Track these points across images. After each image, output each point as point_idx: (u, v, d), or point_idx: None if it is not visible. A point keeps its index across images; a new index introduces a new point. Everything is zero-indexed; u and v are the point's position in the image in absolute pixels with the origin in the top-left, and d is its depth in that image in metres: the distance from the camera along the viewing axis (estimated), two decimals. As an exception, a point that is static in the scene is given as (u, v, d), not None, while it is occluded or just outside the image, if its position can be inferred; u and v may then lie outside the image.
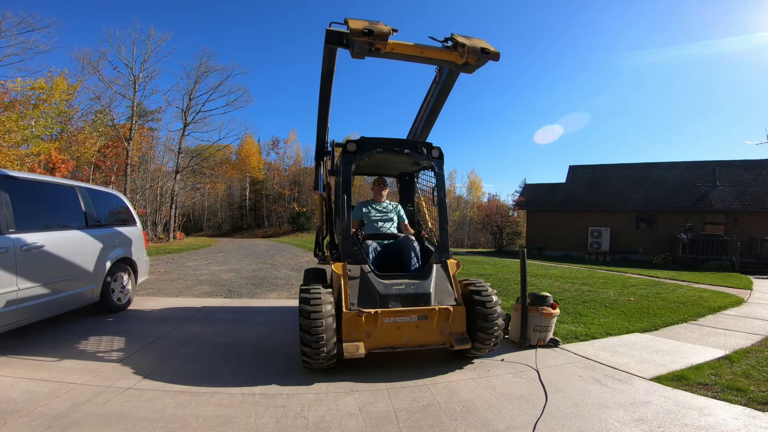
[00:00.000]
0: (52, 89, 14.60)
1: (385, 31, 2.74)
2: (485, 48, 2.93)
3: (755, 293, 7.88)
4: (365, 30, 2.69)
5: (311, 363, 3.00)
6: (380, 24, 2.85)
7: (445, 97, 3.99)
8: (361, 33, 2.68)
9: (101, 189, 5.39)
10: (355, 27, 2.71)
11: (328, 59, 3.51)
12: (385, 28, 2.79)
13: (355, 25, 2.73)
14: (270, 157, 47.70)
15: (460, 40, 2.98)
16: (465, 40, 2.97)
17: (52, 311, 3.97)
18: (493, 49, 2.96)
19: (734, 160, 19.81)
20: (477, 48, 2.90)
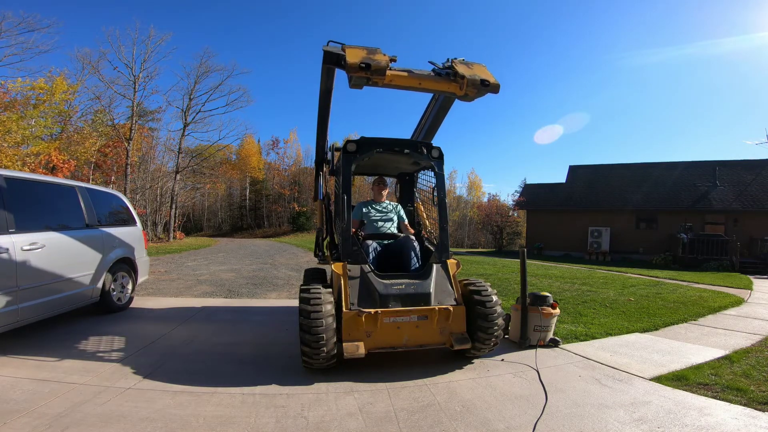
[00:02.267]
0: (52, 89, 14.61)
1: (383, 65, 2.66)
2: (485, 80, 2.85)
3: (755, 293, 7.88)
4: (362, 64, 2.62)
5: (311, 363, 3.00)
6: (378, 53, 2.76)
7: (444, 115, 4.04)
8: (359, 67, 2.61)
9: (101, 189, 5.40)
10: (353, 61, 2.63)
11: (326, 78, 3.51)
12: (383, 60, 2.70)
13: (352, 58, 2.64)
14: (270, 157, 47.73)
15: (460, 70, 2.89)
16: (465, 70, 2.89)
17: (52, 311, 3.97)
18: (494, 80, 2.87)
19: (734, 160, 19.81)
20: (477, 80, 2.82)
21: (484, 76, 2.89)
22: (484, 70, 2.99)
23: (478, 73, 2.91)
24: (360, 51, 2.80)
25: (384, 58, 2.76)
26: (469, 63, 3.04)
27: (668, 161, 21.54)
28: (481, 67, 3.02)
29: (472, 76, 2.84)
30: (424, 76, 3.02)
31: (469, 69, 2.93)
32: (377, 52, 2.82)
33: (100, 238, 4.68)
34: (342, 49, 2.83)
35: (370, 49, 2.85)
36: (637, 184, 20.05)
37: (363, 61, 2.64)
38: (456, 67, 2.94)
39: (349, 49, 2.79)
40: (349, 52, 2.75)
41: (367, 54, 2.75)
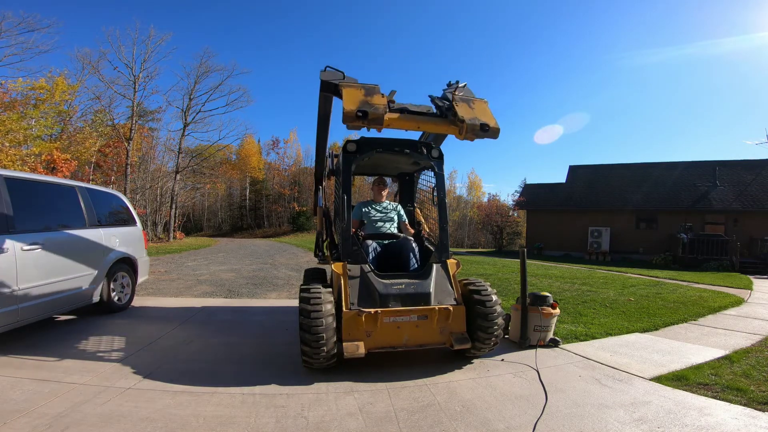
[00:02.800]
0: (52, 89, 14.61)
1: (380, 112, 2.59)
2: (485, 124, 2.75)
3: (755, 293, 7.88)
4: (359, 113, 2.55)
5: (311, 362, 3.00)
6: (376, 95, 2.66)
7: (443, 139, 4.07)
8: (355, 117, 2.55)
9: (101, 189, 5.40)
10: (349, 108, 2.54)
11: (324, 103, 3.50)
12: (380, 105, 2.61)
13: (349, 105, 2.56)
14: (270, 157, 47.77)
15: (460, 111, 2.79)
16: (465, 112, 2.79)
17: (52, 311, 3.97)
18: (494, 123, 2.78)
19: (734, 160, 19.80)
20: (476, 127, 2.75)
21: (485, 118, 2.79)
22: (485, 110, 2.89)
23: (479, 115, 2.81)
24: (357, 92, 2.68)
25: (382, 102, 2.66)
26: (470, 100, 2.93)
27: (668, 161, 21.58)
28: (482, 104, 2.91)
29: (471, 120, 2.75)
30: (423, 119, 2.94)
31: (470, 110, 2.82)
32: (375, 92, 2.70)
33: (100, 238, 4.68)
34: (339, 85, 2.70)
35: (368, 89, 2.72)
36: (637, 184, 20.05)
37: (360, 109, 2.56)
38: (456, 106, 2.83)
39: (346, 90, 2.66)
40: (346, 95, 2.63)
41: (365, 96, 2.65)
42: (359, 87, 2.72)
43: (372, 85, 2.78)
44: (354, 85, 2.74)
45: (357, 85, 2.74)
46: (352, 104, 2.58)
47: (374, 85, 2.78)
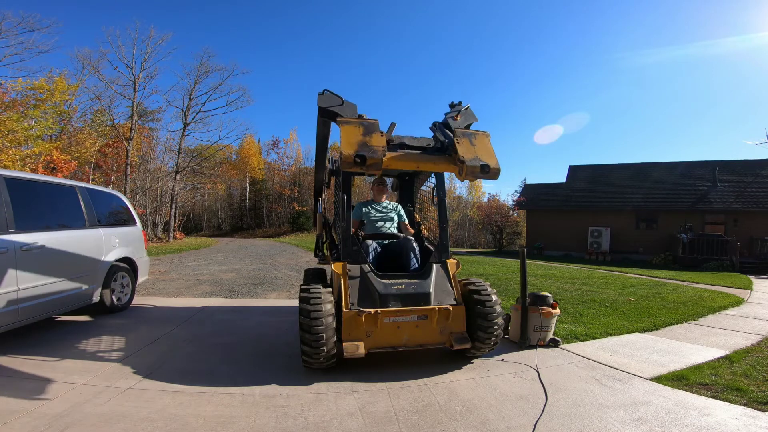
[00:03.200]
0: (52, 89, 14.61)
1: (378, 156, 2.53)
2: (486, 166, 2.68)
3: (755, 293, 7.88)
4: (357, 159, 2.48)
5: (311, 362, 3.01)
6: (375, 134, 2.58)
7: None
8: (353, 162, 2.49)
9: (101, 189, 5.39)
10: (347, 154, 2.47)
11: (323, 126, 3.49)
12: (379, 148, 2.54)
13: (346, 149, 2.49)
14: (270, 157, 47.78)
15: (461, 151, 2.70)
16: (466, 152, 2.71)
17: (52, 311, 3.97)
18: (494, 164, 2.71)
19: (734, 160, 19.79)
20: (477, 169, 2.68)
21: (486, 158, 2.72)
22: (487, 147, 2.80)
23: (480, 153, 2.74)
24: (355, 131, 2.59)
25: (381, 143, 2.58)
26: (472, 135, 2.84)
27: (668, 161, 21.56)
28: (484, 139, 2.83)
29: (472, 162, 2.67)
30: (423, 158, 2.88)
31: (471, 148, 2.75)
32: (374, 129, 2.61)
33: (100, 238, 4.68)
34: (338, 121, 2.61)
35: (367, 126, 2.62)
36: (637, 184, 20.04)
37: (358, 153, 2.50)
38: (457, 144, 2.75)
39: (344, 129, 2.57)
40: (344, 135, 2.53)
41: (363, 136, 2.57)
42: (357, 124, 2.63)
43: (371, 121, 2.67)
44: (352, 122, 2.65)
45: (355, 122, 2.65)
46: (350, 147, 2.51)
47: (373, 121, 2.69)
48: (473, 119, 3.41)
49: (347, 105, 3.04)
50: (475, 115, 3.46)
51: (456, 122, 3.22)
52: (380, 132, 2.64)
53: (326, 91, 3.03)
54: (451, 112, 3.40)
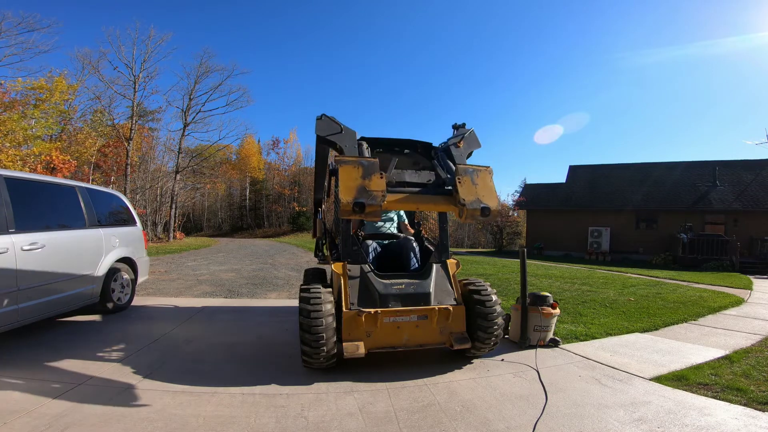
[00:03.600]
0: (51, 89, 14.61)
1: (378, 201, 2.49)
2: (486, 209, 2.66)
3: (755, 293, 7.88)
4: (356, 207, 2.45)
5: (311, 362, 3.01)
6: (375, 177, 2.53)
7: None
8: (352, 211, 2.47)
9: (101, 189, 5.39)
10: (346, 201, 2.45)
11: (322, 150, 3.51)
12: (378, 193, 2.49)
13: (345, 196, 2.46)
14: (270, 157, 47.83)
15: (462, 192, 2.67)
16: (467, 193, 2.67)
17: (52, 311, 3.97)
18: (495, 205, 2.70)
19: (734, 160, 19.80)
20: (477, 211, 2.66)
21: (487, 200, 2.69)
22: (488, 186, 2.75)
23: (482, 194, 2.71)
24: (354, 173, 2.52)
25: (380, 187, 2.52)
26: (474, 173, 2.77)
27: (668, 161, 21.56)
28: (486, 177, 2.77)
29: (473, 205, 2.65)
30: (423, 199, 2.85)
31: (473, 188, 2.71)
32: (374, 170, 2.55)
33: (100, 238, 4.68)
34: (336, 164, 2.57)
35: (366, 167, 2.54)
36: (637, 184, 20.04)
37: (357, 201, 2.46)
38: (459, 183, 2.70)
39: (342, 170, 2.50)
40: (342, 177, 2.48)
41: (362, 178, 2.51)
42: (356, 164, 2.55)
43: (370, 161, 2.61)
44: (351, 162, 2.56)
45: (354, 161, 2.57)
46: (348, 194, 2.47)
47: (372, 160, 2.62)
48: (476, 145, 3.38)
49: (346, 132, 2.98)
50: (478, 141, 3.42)
51: (458, 150, 3.17)
52: (379, 173, 2.56)
53: (324, 116, 2.98)
54: (454, 137, 3.32)
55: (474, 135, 3.41)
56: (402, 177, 2.95)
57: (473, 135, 3.41)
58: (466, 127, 3.52)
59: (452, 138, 3.37)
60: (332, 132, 2.97)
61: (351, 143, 2.98)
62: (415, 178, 3.02)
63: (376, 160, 2.62)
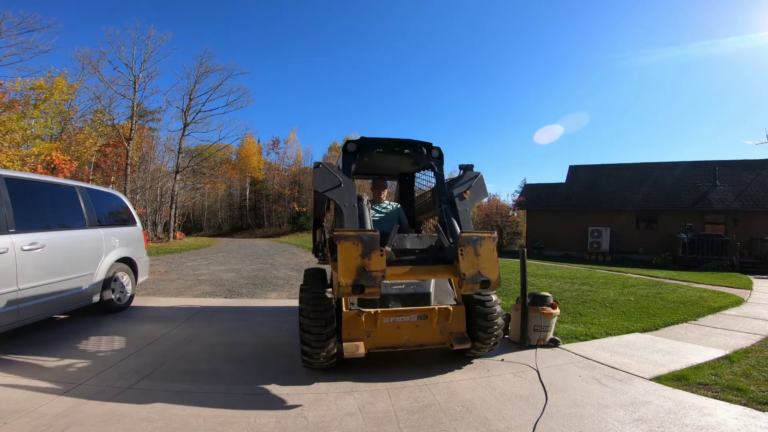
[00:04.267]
0: (51, 89, 14.60)
1: (376, 284, 2.48)
2: (486, 282, 2.67)
3: (755, 293, 7.88)
4: (355, 290, 2.44)
5: (311, 363, 3.01)
6: (375, 255, 2.48)
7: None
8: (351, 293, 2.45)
9: (101, 189, 5.39)
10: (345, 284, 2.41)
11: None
12: (377, 274, 2.46)
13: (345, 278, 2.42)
14: (270, 157, 47.75)
15: (463, 266, 2.64)
16: (468, 266, 2.65)
17: (52, 311, 3.97)
18: (495, 277, 2.70)
19: (734, 160, 19.80)
20: (477, 285, 2.68)
21: (488, 271, 2.67)
22: (490, 255, 2.71)
23: (483, 265, 2.68)
24: (354, 251, 2.47)
25: (380, 266, 2.47)
26: (478, 242, 2.73)
27: (668, 161, 21.53)
28: (489, 246, 2.73)
29: (473, 278, 2.65)
30: (423, 270, 2.82)
31: (475, 259, 2.68)
32: (374, 246, 2.49)
33: (100, 238, 4.68)
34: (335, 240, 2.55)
35: (367, 242, 2.47)
36: (637, 184, 20.04)
37: (356, 283, 2.46)
38: (461, 255, 2.67)
39: (341, 247, 2.46)
40: (341, 256, 2.45)
41: (362, 257, 2.47)
42: (356, 240, 2.50)
43: (370, 234, 2.55)
44: (351, 238, 2.51)
45: (354, 237, 2.52)
46: (348, 276, 2.46)
47: (373, 234, 2.56)
48: (483, 195, 3.36)
49: (346, 184, 2.93)
50: (486, 189, 3.40)
51: (464, 203, 3.14)
52: (379, 251, 2.52)
53: (321, 165, 2.92)
54: (460, 183, 3.24)
55: (482, 182, 3.36)
56: (403, 244, 2.90)
57: (481, 182, 3.35)
58: (473, 169, 3.43)
59: (458, 184, 3.25)
60: (331, 186, 2.91)
61: (351, 199, 2.93)
62: (417, 244, 2.97)
63: (376, 234, 2.57)
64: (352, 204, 2.93)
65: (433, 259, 2.93)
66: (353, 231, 2.59)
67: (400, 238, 2.90)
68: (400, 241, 2.89)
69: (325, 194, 2.95)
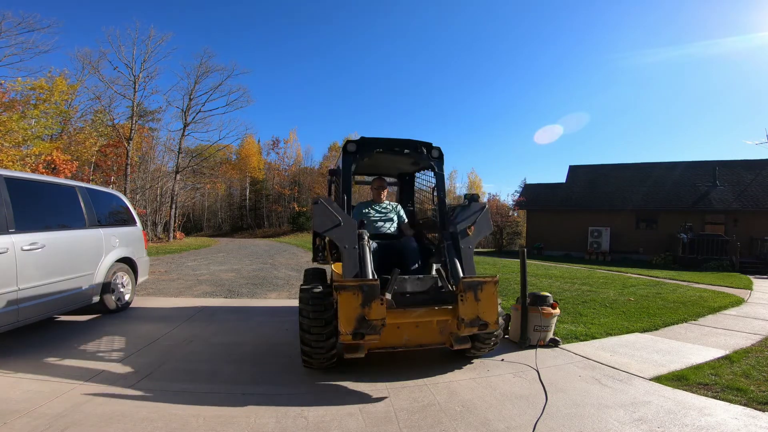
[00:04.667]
0: (51, 89, 14.60)
1: (376, 333, 2.52)
2: (484, 325, 2.70)
3: (755, 293, 7.88)
4: (355, 338, 2.49)
5: (311, 362, 3.01)
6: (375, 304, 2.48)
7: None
8: (351, 341, 2.51)
9: (101, 189, 5.39)
10: (345, 333, 2.46)
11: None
12: (378, 323, 2.49)
13: (345, 326, 2.46)
14: (270, 157, 47.77)
15: (461, 311, 2.67)
16: (468, 311, 2.66)
17: (52, 311, 3.98)
18: (493, 321, 2.73)
19: (734, 160, 19.81)
20: (474, 328, 2.69)
21: (487, 315, 2.69)
22: (491, 300, 2.72)
23: (483, 310, 2.69)
24: (354, 300, 2.48)
25: (380, 314, 2.49)
26: (478, 287, 2.73)
27: (668, 161, 21.54)
28: (490, 291, 2.73)
29: (471, 323, 2.68)
30: (424, 315, 2.84)
31: (475, 305, 2.69)
32: (374, 295, 2.50)
33: (100, 238, 4.68)
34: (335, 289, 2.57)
35: (367, 292, 2.45)
36: (637, 184, 20.05)
37: (356, 331, 2.49)
38: (461, 301, 2.69)
39: (342, 297, 2.49)
40: (342, 305, 2.48)
41: (362, 307, 2.48)
42: (356, 290, 2.51)
43: (370, 284, 2.55)
44: (351, 289, 2.52)
45: (354, 287, 2.52)
46: (348, 325, 2.47)
47: (373, 284, 2.55)
48: (488, 229, 3.36)
49: (346, 223, 2.92)
50: (490, 223, 3.41)
51: (467, 239, 3.13)
52: (380, 299, 2.53)
53: (320, 201, 2.91)
54: (465, 217, 3.21)
55: (487, 216, 3.35)
56: (404, 287, 2.91)
57: (486, 216, 3.34)
58: (479, 200, 3.43)
59: (462, 218, 3.22)
60: (331, 226, 2.90)
61: (351, 239, 2.91)
62: (418, 286, 2.98)
63: (376, 283, 2.57)
64: (352, 245, 2.91)
65: (433, 300, 2.96)
66: (353, 281, 2.59)
67: (401, 281, 2.91)
68: (401, 284, 2.91)
69: (324, 234, 2.94)
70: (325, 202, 2.95)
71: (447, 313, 2.83)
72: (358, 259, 2.89)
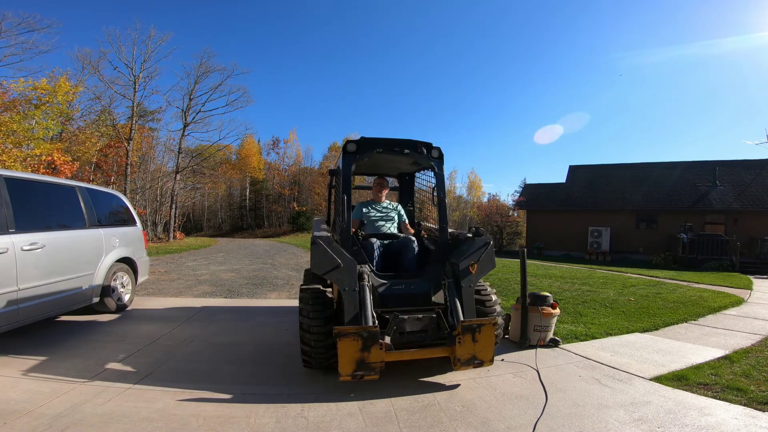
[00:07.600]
0: (54, 90, 14.60)
1: (375, 375, 2.60)
2: (480, 363, 2.79)
3: (755, 293, 7.88)
4: (354, 378, 2.58)
5: (311, 362, 3.01)
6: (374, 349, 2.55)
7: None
8: (350, 380, 2.59)
9: (101, 189, 5.40)
10: (345, 374, 2.55)
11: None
12: (377, 365, 2.57)
13: (344, 368, 2.54)
14: (270, 157, 47.73)
15: (458, 351, 2.73)
16: (465, 351, 2.73)
17: (52, 311, 3.97)
18: (489, 359, 2.80)
19: (734, 160, 19.80)
20: (470, 366, 2.80)
21: (483, 354, 2.76)
22: (488, 341, 2.77)
23: (479, 350, 2.76)
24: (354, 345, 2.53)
25: (379, 358, 2.57)
26: (477, 329, 2.77)
27: (668, 161, 21.53)
28: (488, 332, 2.78)
29: (468, 361, 2.76)
30: (421, 353, 2.89)
31: (472, 346, 2.75)
32: (373, 341, 2.57)
33: (100, 238, 4.68)
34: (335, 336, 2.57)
35: (366, 339, 2.56)
36: (637, 184, 20.05)
37: (356, 372, 2.56)
38: (459, 343, 2.73)
39: (341, 344, 2.53)
40: (341, 351, 2.53)
41: (362, 351, 2.54)
42: (356, 336, 2.56)
43: (370, 331, 2.59)
44: (350, 334, 2.57)
45: (354, 333, 2.57)
46: (348, 367, 2.56)
47: (373, 330, 2.60)
48: (491, 266, 3.37)
49: (346, 264, 2.92)
50: (494, 261, 3.41)
51: (469, 278, 3.14)
52: (379, 344, 2.59)
53: (320, 241, 2.92)
54: (468, 253, 3.20)
55: (491, 253, 3.35)
56: (403, 327, 2.94)
57: (490, 254, 3.33)
58: (484, 234, 3.45)
59: (466, 255, 3.21)
60: (331, 268, 2.90)
61: (351, 281, 2.91)
62: (417, 326, 2.99)
63: (376, 330, 2.62)
64: (352, 288, 2.90)
65: (431, 340, 2.98)
66: (353, 328, 2.63)
67: (400, 321, 2.92)
68: (400, 325, 2.94)
69: (324, 276, 2.96)
70: (324, 243, 2.91)
71: (445, 351, 2.88)
72: (358, 302, 2.88)
